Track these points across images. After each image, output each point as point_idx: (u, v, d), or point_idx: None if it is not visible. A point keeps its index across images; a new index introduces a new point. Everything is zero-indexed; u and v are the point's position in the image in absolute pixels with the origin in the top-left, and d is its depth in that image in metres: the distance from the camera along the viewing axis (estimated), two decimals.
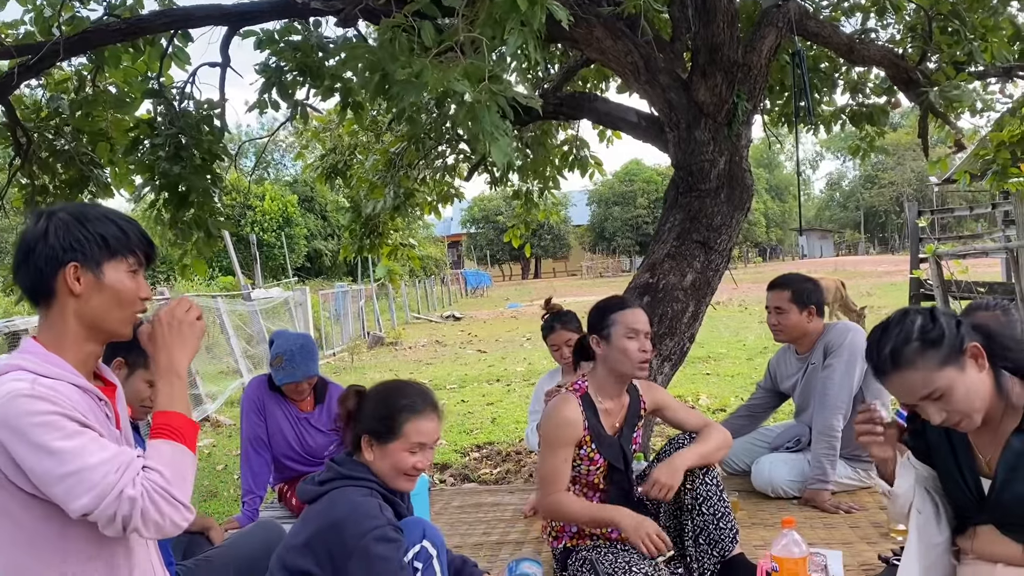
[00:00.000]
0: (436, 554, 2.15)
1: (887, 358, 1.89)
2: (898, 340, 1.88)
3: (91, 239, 1.66)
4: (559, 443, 2.78)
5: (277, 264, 29.93)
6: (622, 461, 2.89)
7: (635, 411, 2.98)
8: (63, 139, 4.89)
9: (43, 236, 1.64)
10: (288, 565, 2.04)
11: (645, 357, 2.79)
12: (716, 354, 11.79)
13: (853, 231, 69.05)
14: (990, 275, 12.99)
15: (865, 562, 2.91)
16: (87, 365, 1.71)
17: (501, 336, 17.89)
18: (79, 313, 1.66)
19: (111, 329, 1.71)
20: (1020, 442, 1.88)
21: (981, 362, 1.87)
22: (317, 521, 2.06)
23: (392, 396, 2.23)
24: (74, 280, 1.64)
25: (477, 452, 6.70)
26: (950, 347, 1.85)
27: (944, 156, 6.35)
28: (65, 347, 1.66)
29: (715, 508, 2.78)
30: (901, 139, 52.60)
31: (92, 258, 1.65)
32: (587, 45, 4.31)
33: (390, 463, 2.17)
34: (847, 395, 3.63)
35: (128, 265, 1.71)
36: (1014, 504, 1.90)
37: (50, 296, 1.66)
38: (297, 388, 3.71)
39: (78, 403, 1.57)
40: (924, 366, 1.85)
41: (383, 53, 3.11)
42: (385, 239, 7.54)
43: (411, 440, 2.17)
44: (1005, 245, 9.60)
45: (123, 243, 1.70)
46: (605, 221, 53.98)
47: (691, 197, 4.45)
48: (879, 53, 5.00)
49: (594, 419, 2.85)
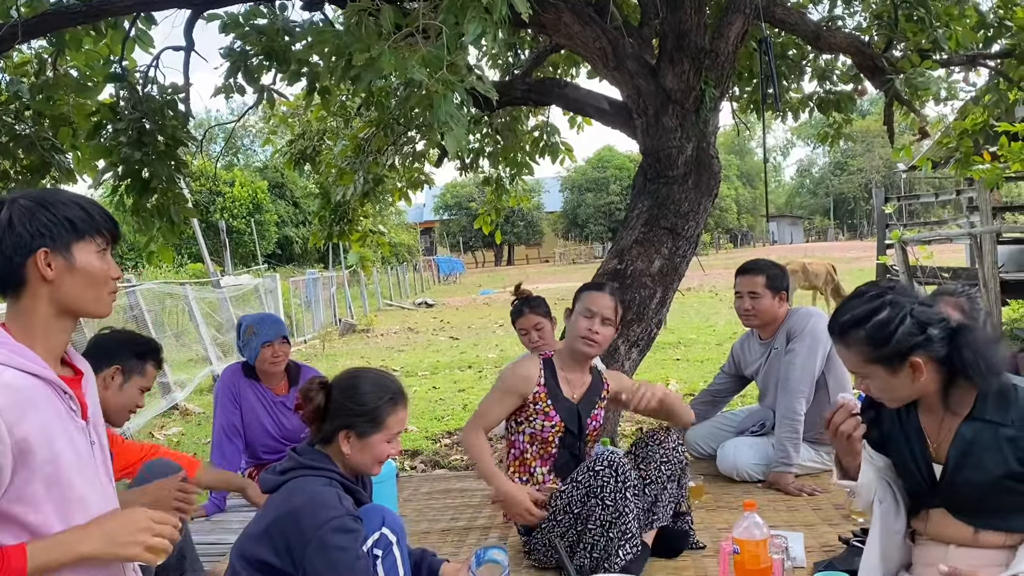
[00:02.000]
0: (396, 540, 2.16)
1: (836, 326, 2.01)
2: (851, 319, 1.97)
3: (57, 223, 1.64)
4: (506, 389, 3.02)
5: (247, 251, 29.64)
6: (576, 425, 3.03)
7: (596, 389, 3.12)
8: (24, 124, 4.79)
9: (8, 225, 1.62)
10: (246, 554, 2.04)
11: (589, 335, 2.95)
12: (686, 339, 11.88)
13: (823, 217, 69.76)
14: (955, 260, 13.21)
15: (827, 543, 2.97)
16: (56, 352, 1.69)
17: (473, 323, 17.89)
18: (52, 298, 1.65)
19: (86, 310, 1.70)
20: (969, 430, 1.94)
21: (918, 375, 1.92)
22: (275, 510, 2.05)
23: (372, 390, 2.21)
24: (45, 266, 1.63)
25: (448, 439, 6.70)
26: (890, 352, 1.91)
27: (909, 143, 6.44)
28: (35, 336, 1.64)
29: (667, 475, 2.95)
30: (870, 126, 53.21)
31: (61, 242, 1.64)
32: (555, 31, 4.30)
33: (370, 454, 2.19)
34: (809, 379, 3.69)
35: (96, 246, 1.70)
36: (964, 488, 1.96)
37: (20, 285, 1.64)
38: (274, 354, 3.71)
39: (31, 406, 1.54)
40: (857, 352, 1.97)
41: (349, 38, 3.08)
42: (355, 225, 7.49)
43: (392, 431, 2.21)
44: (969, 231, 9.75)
45: (89, 224, 1.68)
46: (578, 208, 54.05)
47: (659, 184, 4.48)
48: (846, 41, 5.04)
49: (552, 381, 3.03)
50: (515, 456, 3.09)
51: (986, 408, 1.92)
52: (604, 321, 2.96)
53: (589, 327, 2.95)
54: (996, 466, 1.90)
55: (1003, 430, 1.89)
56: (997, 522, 1.95)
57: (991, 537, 1.95)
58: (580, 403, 3.06)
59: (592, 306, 2.97)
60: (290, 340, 3.84)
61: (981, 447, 1.92)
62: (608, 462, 2.69)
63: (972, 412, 1.94)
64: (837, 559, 2.72)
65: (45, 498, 1.57)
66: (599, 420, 3.13)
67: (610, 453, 2.76)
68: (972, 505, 1.97)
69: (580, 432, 3.04)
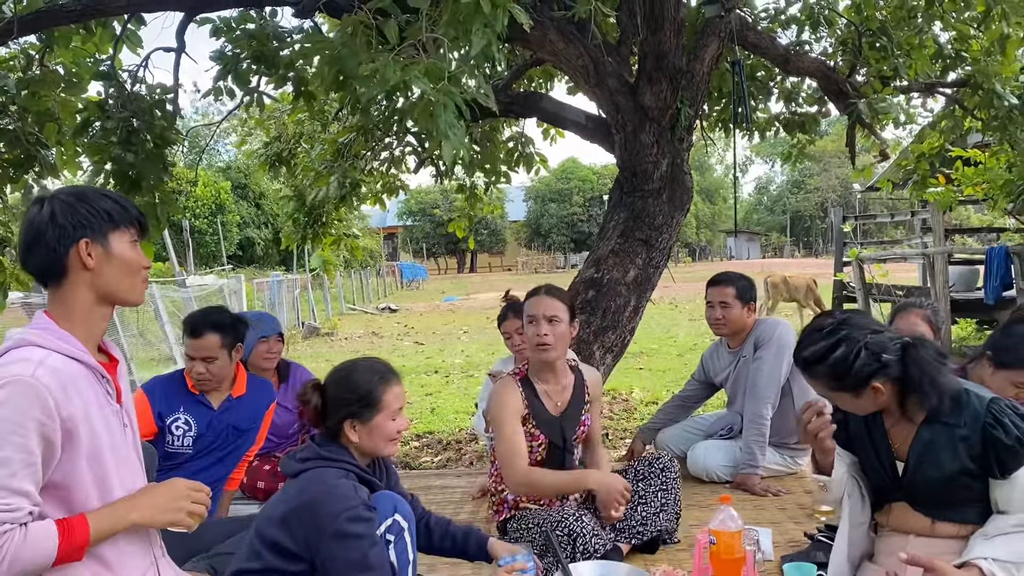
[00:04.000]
0: (407, 527, 2.27)
1: (800, 360, 2.21)
2: (812, 354, 2.15)
3: (97, 214, 1.76)
4: (507, 418, 2.97)
5: (208, 251, 29.39)
6: (560, 439, 3.08)
7: (579, 396, 3.17)
8: (8, 118, 4.80)
9: (50, 219, 1.73)
10: (265, 536, 2.13)
11: (539, 340, 2.99)
12: (648, 350, 12.10)
13: (779, 234, 70.97)
14: (908, 279, 13.64)
15: (792, 539, 3.15)
16: (95, 338, 1.80)
17: (438, 329, 17.95)
18: (93, 285, 1.76)
19: (123, 297, 1.82)
20: (928, 432, 2.15)
21: (879, 395, 2.13)
22: (294, 499, 2.15)
23: (361, 375, 2.30)
24: (87, 255, 1.74)
25: (417, 441, 6.79)
26: (851, 382, 2.12)
27: (869, 164, 6.72)
28: (75, 322, 1.75)
29: (660, 488, 3.09)
30: (827, 146, 54.30)
31: (100, 232, 1.76)
32: (541, 47, 4.46)
33: (378, 435, 2.26)
34: (775, 386, 3.88)
35: (130, 236, 1.82)
36: (923, 483, 2.17)
37: (62, 275, 1.75)
38: (268, 350, 3.80)
39: (74, 388, 1.65)
40: (822, 383, 2.18)
41: (345, 49, 3.20)
42: (328, 228, 7.57)
43: (392, 407, 2.28)
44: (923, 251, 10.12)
45: (124, 216, 1.81)
46: (541, 218, 54.38)
47: (635, 197, 4.65)
48: (812, 65, 5.29)
49: (534, 399, 3.06)
50: (499, 468, 3.10)
51: (941, 411, 2.12)
52: (550, 320, 2.98)
53: (536, 332, 2.99)
54: (951, 463, 2.10)
55: (957, 431, 2.10)
56: (952, 514, 2.16)
57: (947, 528, 2.16)
58: (564, 416, 3.10)
59: (532, 311, 3.02)
60: (284, 339, 3.93)
61: (939, 446, 2.12)
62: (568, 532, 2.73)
63: (929, 415, 2.14)
64: (802, 552, 2.91)
65: (87, 475, 1.69)
66: (586, 426, 3.18)
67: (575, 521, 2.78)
68: (930, 499, 2.17)
69: (565, 444, 3.10)
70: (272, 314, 16.48)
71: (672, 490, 3.12)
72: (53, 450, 1.62)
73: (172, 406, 3.16)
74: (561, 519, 2.74)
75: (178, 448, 3.12)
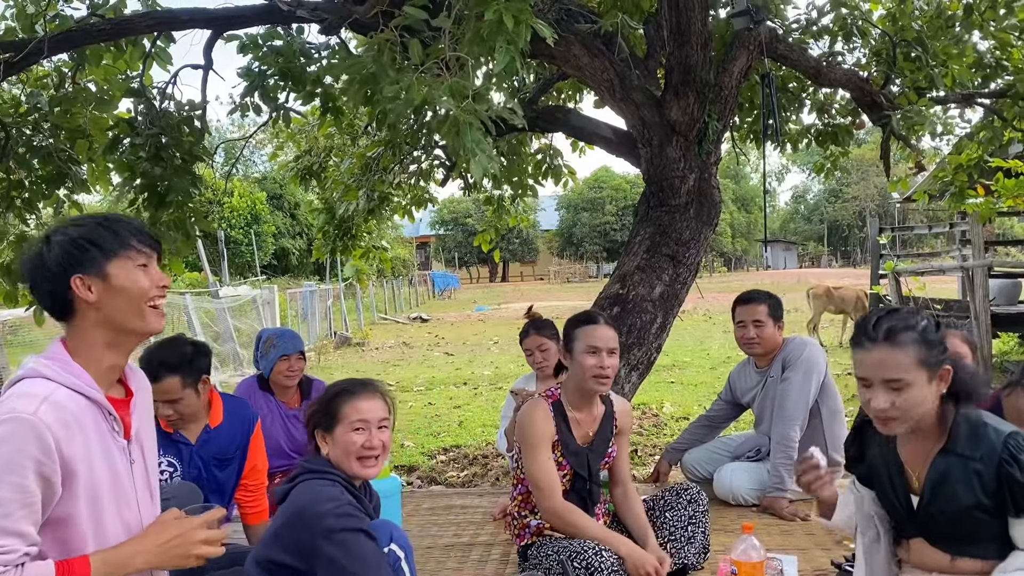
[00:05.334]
0: (404, 556, 2.25)
1: (883, 331, 2.02)
2: (901, 323, 2.03)
3: (84, 247, 1.72)
4: (539, 443, 2.91)
5: (244, 261, 29.72)
6: (586, 470, 3.00)
7: (608, 426, 3.10)
8: (41, 135, 4.89)
9: (42, 263, 1.72)
10: (260, 559, 2.14)
11: (601, 373, 2.89)
12: (680, 363, 11.97)
13: (817, 244, 70.15)
14: (946, 292, 13.35)
15: (819, 567, 3.06)
16: (109, 375, 1.77)
17: (468, 339, 17.96)
18: (101, 319, 1.73)
19: (133, 327, 1.76)
20: (943, 462, 2.05)
21: (942, 384, 2.03)
22: (284, 514, 2.18)
23: (331, 388, 2.37)
24: (86, 290, 1.71)
25: (444, 455, 6.76)
26: (935, 356, 2.01)
27: (905, 175, 6.57)
28: (87, 357, 1.72)
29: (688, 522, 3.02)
30: (865, 155, 53.61)
31: (93, 265, 1.71)
32: (565, 62, 4.43)
33: (340, 447, 2.27)
34: (804, 407, 3.79)
35: (132, 261, 1.75)
36: (938, 518, 2.07)
37: (71, 312, 1.73)
38: (289, 368, 3.80)
39: (77, 426, 1.62)
40: (909, 354, 1.99)
41: (375, 66, 3.20)
42: (358, 241, 7.60)
43: (351, 419, 2.27)
44: (961, 264, 9.90)
45: (116, 242, 1.74)
46: (573, 227, 54.26)
47: (661, 212, 4.60)
48: (845, 76, 5.19)
49: (564, 426, 2.98)
50: (522, 492, 3.08)
51: (958, 442, 2.03)
52: (610, 353, 2.92)
53: (598, 363, 2.88)
54: (966, 497, 2.00)
55: (972, 464, 2.00)
56: (971, 549, 2.05)
57: (967, 564, 2.06)
58: (591, 446, 3.03)
59: (596, 342, 2.91)
60: (306, 356, 3.92)
61: (953, 479, 2.03)
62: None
63: (946, 445, 2.05)
64: None
65: (84, 514, 1.65)
66: (611, 458, 3.12)
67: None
68: (947, 534, 2.08)
69: (590, 476, 3.03)
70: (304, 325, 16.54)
71: (700, 523, 3.04)
72: (53, 489, 1.59)
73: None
74: (581, 551, 2.68)
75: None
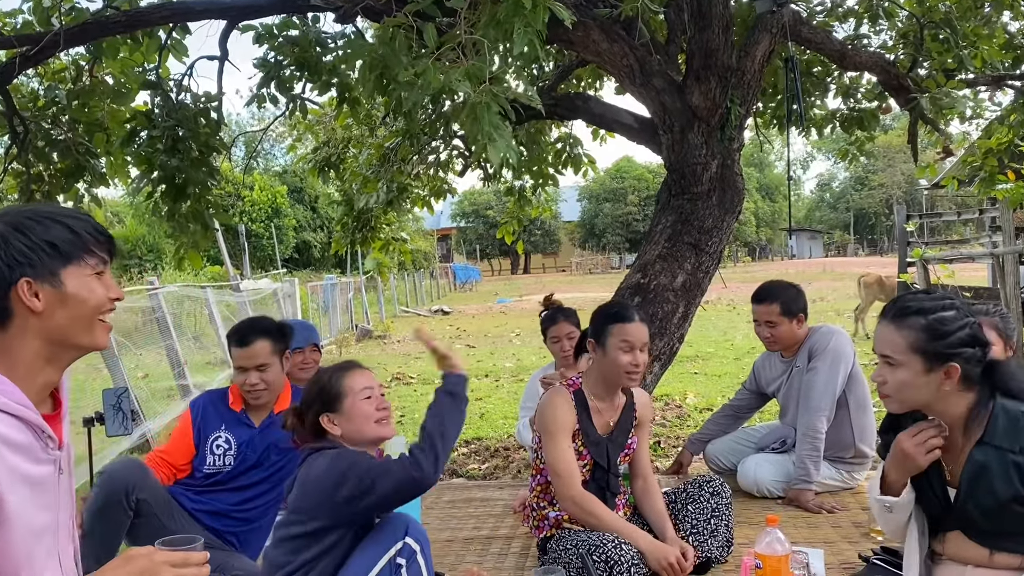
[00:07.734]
0: (420, 549, 2.20)
1: (898, 307, 2.05)
2: (917, 305, 2.02)
3: (37, 247, 1.44)
4: (559, 431, 2.88)
5: (265, 255, 29.91)
6: (606, 460, 2.97)
7: (628, 417, 3.06)
8: (59, 128, 4.90)
9: None
10: (280, 540, 2.16)
11: (635, 370, 2.87)
12: (704, 353, 11.86)
13: (843, 232, 69.41)
14: (976, 280, 13.13)
15: (846, 561, 2.99)
16: (42, 392, 1.51)
17: (490, 331, 17.92)
18: (43, 331, 1.46)
19: (79, 343, 1.51)
20: (981, 454, 1.98)
21: (947, 382, 1.97)
22: (297, 490, 2.21)
23: (317, 376, 2.39)
24: (31, 297, 1.43)
25: (465, 447, 6.73)
26: (938, 348, 1.96)
27: (933, 161, 6.44)
28: (18, 374, 1.45)
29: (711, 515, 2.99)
30: (892, 141, 52.98)
31: (46, 269, 1.45)
32: (584, 47, 4.35)
33: (357, 418, 2.30)
34: (831, 398, 3.70)
35: (90, 268, 1.50)
36: (976, 512, 2.01)
37: (6, 317, 1.44)
38: (303, 361, 3.78)
39: (8, 449, 1.38)
40: (905, 336, 2.00)
41: (387, 51, 3.15)
42: (377, 233, 7.57)
43: (356, 389, 2.31)
44: (991, 251, 9.72)
45: (76, 244, 1.49)
46: (595, 217, 54.07)
47: (683, 199, 4.51)
48: (871, 59, 5.07)
49: (584, 415, 2.94)
50: (541, 482, 3.05)
51: (996, 434, 1.96)
52: (643, 349, 2.88)
53: (632, 360, 2.85)
54: (1005, 490, 1.94)
55: (1011, 456, 1.94)
56: (1010, 544, 1.99)
57: (1006, 559, 2.00)
58: (611, 436, 2.99)
59: (630, 338, 2.85)
60: (320, 349, 3.89)
61: (991, 472, 1.96)
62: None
63: (983, 437, 1.99)
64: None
65: (15, 542, 1.39)
66: (631, 449, 3.07)
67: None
68: (985, 528, 2.01)
69: (610, 466, 2.98)
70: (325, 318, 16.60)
71: (724, 516, 3.00)
72: None
73: (214, 424, 3.11)
74: (600, 544, 2.63)
75: (218, 467, 3.07)
